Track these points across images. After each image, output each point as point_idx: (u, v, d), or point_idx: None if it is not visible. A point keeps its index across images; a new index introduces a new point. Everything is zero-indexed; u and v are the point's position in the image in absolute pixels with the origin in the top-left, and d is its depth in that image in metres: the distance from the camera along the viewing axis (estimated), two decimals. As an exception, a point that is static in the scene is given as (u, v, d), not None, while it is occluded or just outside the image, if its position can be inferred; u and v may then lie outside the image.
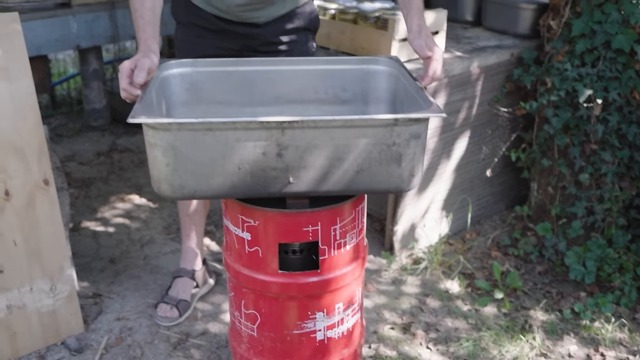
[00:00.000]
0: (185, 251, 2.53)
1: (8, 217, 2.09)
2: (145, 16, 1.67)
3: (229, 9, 2.05)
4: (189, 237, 2.52)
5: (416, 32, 1.77)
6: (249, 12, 2.05)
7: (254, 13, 2.06)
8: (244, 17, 2.07)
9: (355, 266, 1.75)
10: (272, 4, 2.06)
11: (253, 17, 2.07)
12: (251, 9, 2.04)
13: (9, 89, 2.03)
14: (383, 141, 1.48)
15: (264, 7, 2.05)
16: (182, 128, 1.43)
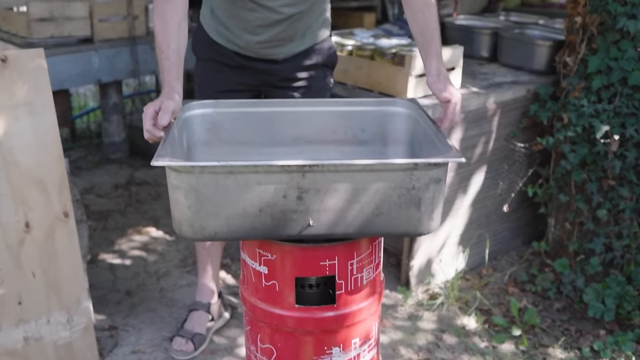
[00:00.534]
0: (202, 284, 2.53)
1: (28, 248, 2.12)
2: (170, 57, 1.70)
3: (249, 46, 2.09)
4: (205, 270, 2.52)
5: (435, 76, 1.78)
6: (269, 49, 2.09)
7: (273, 50, 2.10)
8: (264, 53, 2.11)
9: (372, 301, 1.74)
10: (292, 41, 2.10)
11: (272, 54, 2.11)
12: (270, 45, 2.08)
13: (33, 123, 2.07)
14: (402, 185, 1.48)
15: (283, 44, 2.09)
16: (204, 171, 1.44)
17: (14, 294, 2.11)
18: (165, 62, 1.70)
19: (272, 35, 2.07)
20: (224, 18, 2.10)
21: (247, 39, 2.07)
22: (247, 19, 2.04)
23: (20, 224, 2.09)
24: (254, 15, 2.02)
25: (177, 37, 1.71)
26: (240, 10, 2.03)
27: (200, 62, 2.26)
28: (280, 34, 2.07)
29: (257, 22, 2.04)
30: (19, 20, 3.46)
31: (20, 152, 2.06)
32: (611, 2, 2.50)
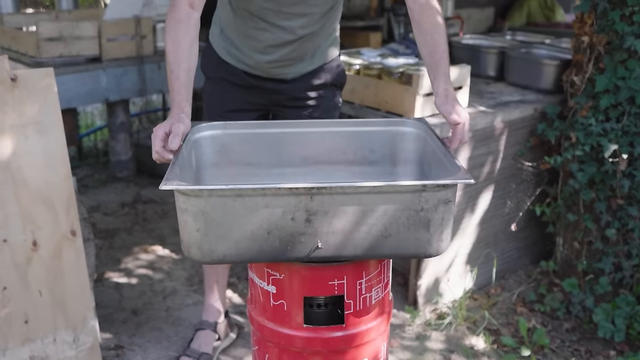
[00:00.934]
0: (208, 304, 2.52)
1: (35, 267, 2.11)
2: (180, 78, 1.70)
3: (259, 65, 2.10)
4: (212, 290, 2.51)
5: (443, 97, 1.76)
6: (278, 69, 2.10)
7: (283, 70, 2.11)
8: (273, 73, 2.11)
9: (381, 321, 1.73)
10: (302, 61, 2.11)
11: (282, 74, 2.12)
12: (280, 65, 2.09)
13: (41, 142, 2.08)
14: (411, 207, 1.48)
15: (293, 63, 2.10)
16: (212, 194, 1.44)
17: (20, 312, 2.11)
18: (175, 82, 1.71)
19: (283, 55, 2.08)
20: (233, 38, 2.11)
21: (257, 59, 2.08)
22: (258, 39, 2.06)
23: (27, 242, 2.09)
24: (266, 35, 2.04)
25: (189, 57, 1.72)
26: (252, 30, 2.04)
27: (209, 81, 2.27)
28: (290, 54, 2.08)
29: (268, 41, 2.05)
30: (28, 40, 3.49)
31: (28, 171, 2.06)
32: (618, 22, 2.50)
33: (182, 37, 1.72)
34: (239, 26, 2.07)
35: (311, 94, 2.17)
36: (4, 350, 2.08)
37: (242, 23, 2.05)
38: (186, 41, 1.72)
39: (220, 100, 2.21)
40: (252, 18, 2.02)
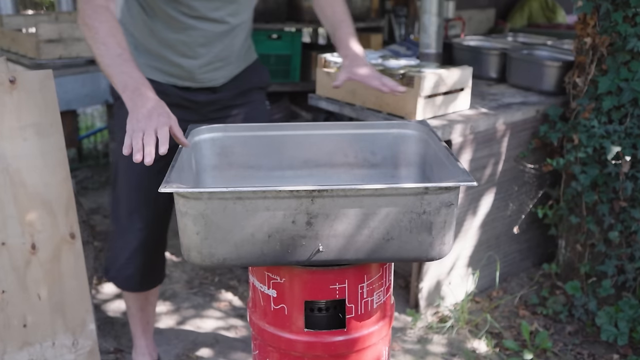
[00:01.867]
0: (145, 345, 2.38)
1: (33, 270, 2.10)
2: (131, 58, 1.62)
3: (191, 72, 1.97)
4: (145, 332, 2.36)
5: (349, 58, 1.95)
6: (209, 73, 2.00)
7: (214, 74, 2.01)
8: (204, 79, 2.00)
9: (382, 325, 1.71)
10: (230, 62, 2.03)
11: (213, 79, 2.01)
12: (211, 69, 1.99)
13: (40, 144, 2.06)
14: (413, 209, 1.46)
15: (223, 66, 2.01)
16: (212, 197, 1.43)
17: (19, 316, 2.09)
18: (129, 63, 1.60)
19: (214, 55, 1.97)
20: (155, 49, 1.96)
21: (187, 65, 1.95)
22: (186, 41, 1.93)
23: (26, 245, 2.07)
24: (196, 32, 1.91)
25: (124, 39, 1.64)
26: (178, 32, 1.90)
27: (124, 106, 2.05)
28: (221, 53, 1.98)
29: (199, 40, 1.93)
30: (27, 42, 3.47)
31: (27, 173, 2.05)
32: (621, 23, 2.49)
33: (112, 20, 1.64)
34: (160, 33, 1.92)
35: (241, 101, 2.09)
36: (2, 354, 2.07)
37: (164, 28, 1.90)
38: (117, 25, 1.65)
39: None
40: (177, 18, 1.88)
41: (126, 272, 2.12)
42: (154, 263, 2.18)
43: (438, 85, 2.51)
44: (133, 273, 2.12)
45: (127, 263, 2.11)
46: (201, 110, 2.08)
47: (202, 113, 2.09)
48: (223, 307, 2.84)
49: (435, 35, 3.08)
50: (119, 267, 2.12)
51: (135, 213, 2.06)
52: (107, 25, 1.63)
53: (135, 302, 2.28)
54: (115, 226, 2.14)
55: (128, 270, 2.12)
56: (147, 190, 2.04)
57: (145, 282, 2.18)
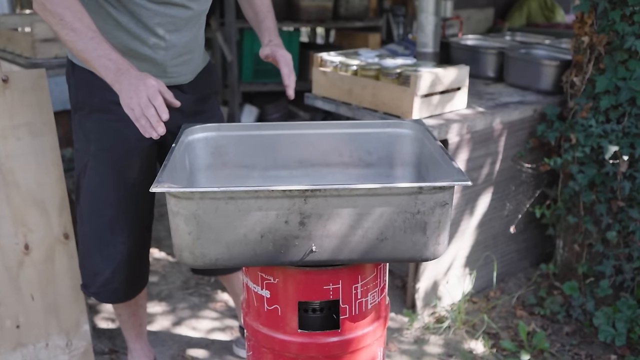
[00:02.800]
0: (140, 348, 2.34)
1: (27, 271, 2.09)
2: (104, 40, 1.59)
3: (163, 63, 1.89)
4: (138, 335, 2.32)
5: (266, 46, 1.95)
6: (179, 67, 1.94)
7: (183, 67, 1.95)
8: (175, 72, 1.93)
9: (377, 326, 1.70)
10: (197, 56, 2.00)
11: (182, 73, 1.95)
12: (181, 61, 1.93)
13: (34, 143, 2.05)
14: (407, 209, 1.44)
15: (191, 58, 1.96)
16: (204, 197, 1.41)
17: (12, 317, 2.08)
18: (103, 44, 1.57)
19: (183, 45, 1.91)
20: (126, 43, 1.84)
21: (159, 57, 1.87)
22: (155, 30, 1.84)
23: (19, 245, 2.06)
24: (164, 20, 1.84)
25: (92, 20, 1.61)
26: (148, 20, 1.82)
27: (93, 114, 1.92)
28: (189, 43, 1.92)
29: (168, 27, 1.85)
30: (23, 41, 3.46)
31: (20, 173, 2.04)
32: (619, 22, 2.47)
33: (75, 3, 1.60)
34: (128, 25, 1.81)
35: (205, 107, 2.06)
36: (-5, 356, 2.06)
37: (132, 19, 1.81)
38: (81, 7, 1.61)
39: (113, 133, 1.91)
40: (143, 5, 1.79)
41: (111, 287, 2.02)
42: (139, 270, 2.11)
43: (434, 84, 2.49)
44: (117, 287, 2.03)
45: (112, 277, 2.00)
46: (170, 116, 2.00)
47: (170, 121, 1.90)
48: (219, 308, 2.82)
49: (433, 34, 3.06)
50: (103, 282, 2.01)
51: (116, 227, 1.97)
52: (72, 9, 1.59)
53: (127, 309, 2.21)
54: (90, 240, 2.00)
55: (113, 285, 2.02)
56: (126, 204, 1.96)
57: (132, 290, 2.10)
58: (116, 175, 1.94)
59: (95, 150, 1.93)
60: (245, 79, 4.77)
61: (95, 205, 1.97)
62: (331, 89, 2.73)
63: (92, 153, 1.93)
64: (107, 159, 1.93)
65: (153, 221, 2.13)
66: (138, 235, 2.03)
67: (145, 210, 2.04)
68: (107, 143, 1.92)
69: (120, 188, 1.95)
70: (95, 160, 1.93)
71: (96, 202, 1.96)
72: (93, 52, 1.57)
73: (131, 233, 2.00)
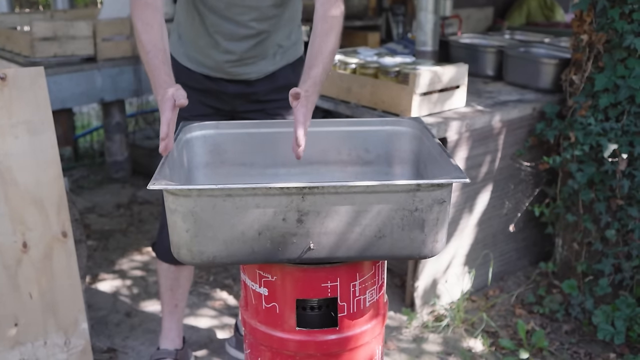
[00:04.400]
0: (168, 328, 2.35)
1: (25, 269, 2.08)
2: (159, 56, 1.65)
3: (219, 66, 2.03)
4: (171, 313, 2.34)
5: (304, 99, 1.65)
6: (240, 67, 2.03)
7: (245, 69, 2.04)
8: (235, 73, 2.04)
9: (376, 324, 1.69)
10: (263, 59, 2.05)
11: (244, 73, 2.05)
12: (241, 64, 2.02)
13: (32, 141, 2.05)
14: (405, 207, 1.44)
15: (255, 62, 2.03)
16: (201, 194, 1.41)
17: (10, 315, 2.07)
18: (154, 61, 1.64)
19: (243, 52, 2.01)
20: (193, 40, 2.05)
21: (217, 58, 2.02)
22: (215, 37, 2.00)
23: (17, 244, 2.06)
24: (223, 31, 1.98)
25: (162, 37, 1.69)
26: (210, 27, 1.99)
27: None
28: (250, 51, 2.02)
29: (226, 37, 1.99)
30: (22, 40, 3.46)
31: (18, 171, 2.03)
32: (618, 20, 2.47)
33: (152, 18, 1.69)
34: (197, 27, 2.01)
35: (275, 97, 2.10)
36: (-7, 354, 2.05)
37: (201, 22, 1.99)
38: (156, 22, 1.69)
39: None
40: (210, 14, 1.97)
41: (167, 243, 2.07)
42: None
43: (433, 82, 2.49)
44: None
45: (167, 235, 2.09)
46: (232, 102, 2.13)
47: (232, 104, 2.14)
48: (218, 306, 2.82)
49: (432, 32, 3.06)
50: (163, 238, 2.11)
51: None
52: (141, 23, 1.70)
53: (166, 280, 2.28)
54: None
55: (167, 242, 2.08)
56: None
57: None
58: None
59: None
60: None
61: None
62: (330, 87, 2.73)
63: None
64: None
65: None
66: None
67: None
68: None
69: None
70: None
71: None
72: (146, 66, 1.68)
73: None
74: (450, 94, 2.60)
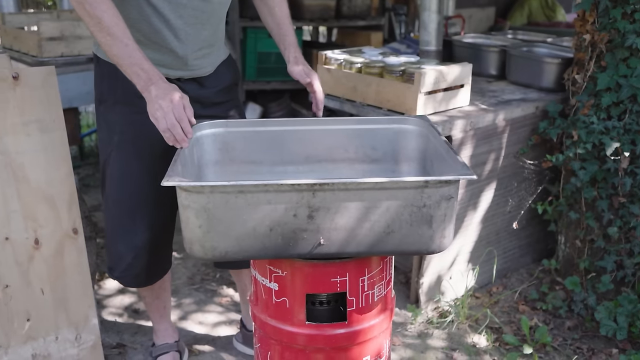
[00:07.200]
0: (163, 327, 2.41)
1: (37, 265, 2.11)
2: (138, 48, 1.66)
3: (184, 56, 1.94)
4: (162, 316, 2.40)
5: (293, 63, 2.02)
6: (200, 60, 1.98)
7: (203, 60, 2.00)
8: (195, 65, 1.98)
9: (383, 318, 1.73)
10: (217, 49, 2.05)
11: (202, 66, 2.00)
12: (201, 54, 1.98)
13: (43, 139, 2.08)
14: (413, 203, 1.47)
15: (211, 52, 2.02)
16: (214, 190, 1.44)
17: (22, 311, 2.11)
18: (137, 53, 1.66)
19: (203, 39, 1.95)
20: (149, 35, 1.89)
21: (180, 50, 1.92)
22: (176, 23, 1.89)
23: (29, 240, 2.09)
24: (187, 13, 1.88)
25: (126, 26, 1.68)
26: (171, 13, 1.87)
27: (116, 107, 1.99)
28: (209, 37, 1.98)
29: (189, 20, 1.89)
30: (30, 40, 3.49)
31: (30, 168, 2.06)
32: (620, 20, 2.50)
33: (113, 7, 1.67)
34: (151, 17, 1.86)
35: (225, 97, 2.11)
36: (6, 348, 2.08)
37: (154, 11, 1.86)
38: (117, 12, 1.68)
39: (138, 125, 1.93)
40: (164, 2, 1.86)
41: (134, 272, 2.11)
42: (161, 257, 2.18)
43: (438, 81, 2.52)
44: (139, 272, 2.11)
45: (134, 263, 2.08)
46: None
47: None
48: (224, 303, 2.85)
49: (435, 32, 3.09)
50: (125, 267, 2.10)
51: (137, 214, 2.05)
52: (109, 14, 1.66)
53: (151, 292, 2.29)
54: (113, 226, 2.10)
55: (135, 270, 2.10)
56: (147, 194, 2.03)
57: (154, 275, 2.19)
58: (138, 165, 2.00)
59: (118, 141, 2.00)
60: (248, 77, 4.80)
61: (118, 194, 2.05)
62: (335, 87, 2.76)
63: (115, 144, 2.00)
64: (130, 149, 1.99)
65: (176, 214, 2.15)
66: (160, 224, 2.10)
67: (166, 199, 2.06)
68: (129, 134, 1.98)
69: (142, 178, 2.01)
70: (118, 150, 2.00)
71: (119, 191, 2.04)
72: (127, 59, 1.66)
73: (152, 221, 2.07)
74: (455, 92, 2.63)
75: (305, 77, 2.00)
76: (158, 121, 1.62)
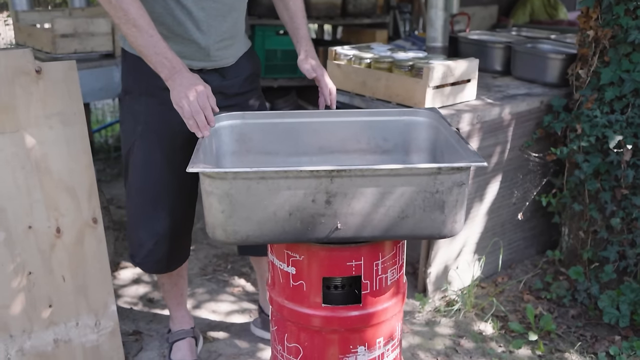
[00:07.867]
0: (180, 315, 2.48)
1: (58, 253, 2.18)
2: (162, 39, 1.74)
3: (207, 48, 2.00)
4: (179, 303, 2.47)
5: (303, 57, 2.08)
6: (222, 50, 2.04)
7: (225, 51, 2.06)
8: (218, 56, 2.04)
9: (396, 301, 1.79)
10: (238, 41, 2.11)
11: (224, 57, 2.06)
12: (223, 45, 2.04)
13: (65, 131, 2.15)
14: (427, 189, 1.54)
15: (233, 43, 2.07)
16: (237, 177, 1.50)
17: (44, 297, 2.18)
18: (161, 42, 1.74)
19: (224, 30, 2.01)
20: (172, 27, 1.95)
21: (202, 41, 1.98)
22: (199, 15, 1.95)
23: (51, 229, 2.16)
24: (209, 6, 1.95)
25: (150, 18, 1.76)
26: (193, 6, 1.93)
27: (141, 98, 2.07)
28: (231, 29, 2.03)
29: (212, 12, 1.96)
30: (43, 36, 3.56)
31: (52, 159, 2.13)
32: (623, 16, 2.57)
33: (139, 2, 1.75)
34: (174, 11, 1.93)
35: (247, 87, 2.17)
36: (29, 333, 2.16)
37: (176, 5, 1.92)
38: (141, 4, 1.75)
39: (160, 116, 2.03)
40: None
41: (155, 258, 2.18)
42: (181, 244, 2.25)
43: (446, 76, 2.59)
44: (161, 258, 2.18)
45: (155, 249, 2.16)
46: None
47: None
48: (236, 292, 2.92)
49: (442, 29, 3.16)
50: (147, 253, 2.17)
51: (159, 202, 2.12)
52: (135, 6, 1.74)
53: (169, 279, 2.36)
54: (136, 214, 2.18)
55: (156, 256, 2.18)
56: (169, 182, 2.11)
57: (174, 262, 2.26)
58: (161, 154, 2.07)
59: (142, 131, 2.07)
60: (255, 74, 4.86)
61: (141, 183, 2.11)
62: (345, 81, 2.83)
63: (139, 133, 2.07)
64: (153, 139, 2.06)
65: (196, 201, 2.23)
66: (180, 212, 2.17)
67: (187, 188, 2.16)
68: (153, 125, 2.06)
69: (164, 167, 2.09)
70: (142, 140, 2.07)
71: (142, 179, 2.10)
72: (152, 49, 1.74)
73: (173, 209, 2.13)
74: (462, 87, 2.69)
75: (311, 72, 2.06)
76: (182, 109, 1.70)
